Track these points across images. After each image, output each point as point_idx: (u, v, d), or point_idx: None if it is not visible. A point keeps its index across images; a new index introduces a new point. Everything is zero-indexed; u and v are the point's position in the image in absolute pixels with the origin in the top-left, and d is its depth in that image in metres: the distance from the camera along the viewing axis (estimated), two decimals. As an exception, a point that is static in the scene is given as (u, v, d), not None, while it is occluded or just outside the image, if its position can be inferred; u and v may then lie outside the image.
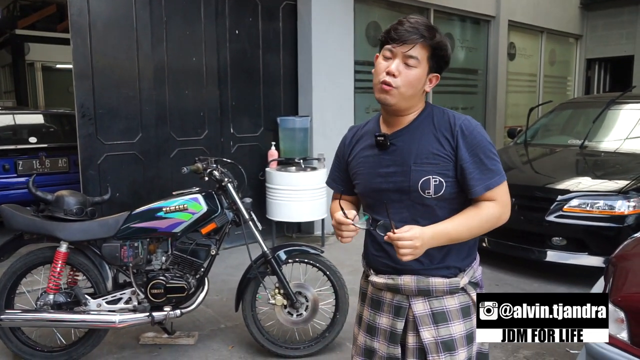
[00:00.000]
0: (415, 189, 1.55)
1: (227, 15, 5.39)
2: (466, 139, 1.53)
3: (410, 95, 1.55)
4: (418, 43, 1.50)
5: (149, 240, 3.15)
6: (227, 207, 3.19)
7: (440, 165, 1.54)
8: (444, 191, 1.54)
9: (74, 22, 4.45)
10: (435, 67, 1.57)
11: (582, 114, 6.15)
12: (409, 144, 1.59)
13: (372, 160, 1.65)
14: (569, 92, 11.39)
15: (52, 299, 3.08)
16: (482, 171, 1.52)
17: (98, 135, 4.65)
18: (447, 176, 1.54)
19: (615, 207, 4.11)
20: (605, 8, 10.87)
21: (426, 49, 1.52)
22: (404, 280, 1.60)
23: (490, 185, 1.53)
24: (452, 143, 1.54)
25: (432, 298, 1.60)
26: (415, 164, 1.56)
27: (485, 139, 1.55)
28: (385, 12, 6.94)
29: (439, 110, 1.62)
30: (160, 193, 4.47)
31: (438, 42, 1.53)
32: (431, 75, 1.58)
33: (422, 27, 1.51)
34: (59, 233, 3.01)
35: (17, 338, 3.14)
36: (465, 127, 1.55)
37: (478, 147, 1.53)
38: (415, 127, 1.60)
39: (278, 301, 3.19)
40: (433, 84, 1.60)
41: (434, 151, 1.55)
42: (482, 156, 1.53)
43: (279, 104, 5.95)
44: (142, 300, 3.14)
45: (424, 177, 1.54)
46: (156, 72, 4.94)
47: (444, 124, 1.57)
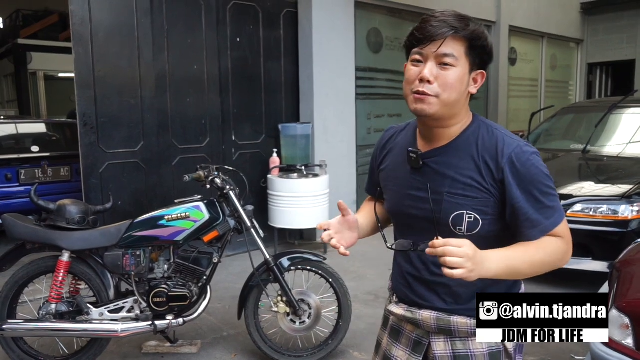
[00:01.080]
0: (445, 223, 1.32)
1: (228, 23, 5.41)
2: (517, 174, 1.27)
3: (454, 100, 1.30)
4: (449, 36, 1.26)
5: (151, 249, 3.14)
6: (229, 214, 3.19)
7: (478, 199, 1.30)
8: (480, 229, 1.30)
9: (76, 31, 4.47)
10: (477, 62, 1.32)
11: (584, 119, 6.15)
12: (445, 167, 1.34)
13: (403, 178, 1.43)
14: (571, 97, 11.39)
15: (55, 308, 3.07)
16: (539, 211, 1.27)
17: (100, 144, 4.66)
18: (485, 213, 1.30)
19: (618, 212, 4.09)
20: (606, 12, 10.88)
21: (461, 42, 1.28)
22: (423, 315, 1.41)
23: (549, 227, 1.28)
24: (495, 175, 1.29)
25: (455, 338, 1.38)
26: (449, 193, 1.32)
27: (541, 171, 1.28)
28: (386, 18, 6.96)
29: (487, 129, 1.35)
30: (162, 201, 4.48)
31: (473, 32, 1.28)
32: (475, 74, 1.33)
33: (451, 18, 1.28)
34: (61, 242, 3.01)
35: (20, 348, 3.13)
36: (517, 157, 1.27)
37: (532, 183, 1.27)
38: (455, 148, 1.34)
39: (281, 309, 3.18)
40: (479, 84, 1.36)
41: (472, 182, 1.30)
42: (537, 193, 1.27)
43: (280, 111, 5.96)
44: (144, 309, 3.13)
45: (456, 212, 1.31)
46: (158, 80, 4.96)
47: (490, 148, 1.31)
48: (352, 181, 6.33)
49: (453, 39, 1.27)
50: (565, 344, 3.43)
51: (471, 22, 1.30)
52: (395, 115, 7.08)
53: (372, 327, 3.77)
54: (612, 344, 2.21)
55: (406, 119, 6.30)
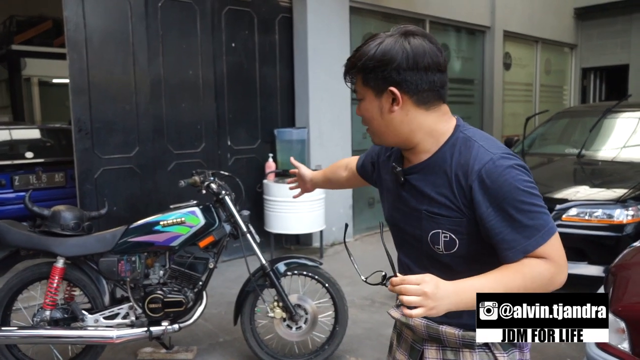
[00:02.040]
0: (426, 241, 1.29)
1: (223, 29, 5.41)
2: (487, 191, 1.18)
3: (377, 128, 1.29)
4: (348, 79, 1.30)
5: (146, 255, 3.12)
6: (225, 219, 3.18)
7: (451, 219, 1.24)
8: (458, 249, 1.25)
9: (70, 37, 4.46)
10: (380, 84, 1.23)
11: (578, 123, 6.17)
12: (423, 185, 1.29)
13: (393, 191, 1.41)
14: (565, 101, 11.45)
15: (49, 315, 3.05)
16: (516, 230, 1.17)
17: (95, 150, 4.64)
18: (460, 233, 1.24)
19: (613, 216, 4.10)
20: (599, 18, 10.96)
21: (358, 76, 1.26)
22: (415, 321, 1.38)
23: (529, 248, 1.17)
24: (467, 193, 1.21)
25: (446, 348, 1.34)
26: (427, 212, 1.27)
27: (516, 186, 1.17)
28: (381, 23, 6.98)
29: (465, 142, 1.25)
30: (158, 207, 4.46)
31: (357, 60, 1.25)
32: (387, 95, 1.23)
33: (348, 60, 1.28)
34: (55, 248, 2.99)
35: (14, 355, 3.10)
36: (487, 173, 1.18)
37: (505, 200, 1.17)
38: (432, 164, 1.28)
39: (277, 314, 3.17)
40: (399, 102, 1.23)
41: (445, 201, 1.24)
42: (513, 211, 1.17)
43: (275, 116, 5.96)
44: (139, 315, 3.11)
45: (433, 230, 1.27)
46: (153, 85, 4.95)
47: (464, 165, 1.22)
48: (347, 186, 6.31)
49: (355, 75, 1.28)
50: (561, 349, 3.43)
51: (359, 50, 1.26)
52: (391, 120, 7.09)
53: (368, 332, 3.76)
54: (608, 348, 2.21)
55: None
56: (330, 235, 5.99)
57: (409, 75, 1.21)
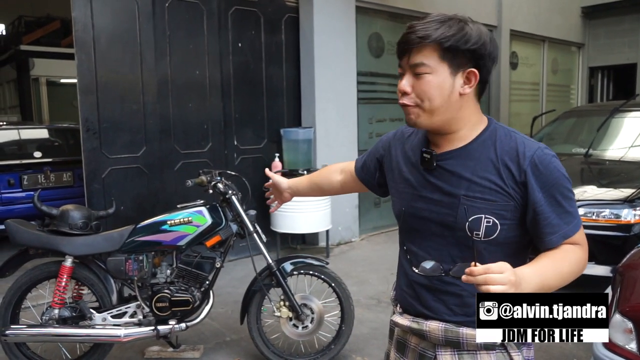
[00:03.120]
0: (462, 227, 1.27)
1: (229, 28, 5.43)
2: (540, 176, 1.23)
3: (438, 106, 1.25)
4: (415, 48, 1.24)
5: (153, 254, 3.14)
6: (232, 219, 3.19)
7: (497, 203, 1.25)
8: (498, 234, 1.26)
9: (79, 37, 4.49)
10: (458, 62, 1.24)
11: (585, 123, 6.14)
12: (461, 169, 1.29)
13: (415, 181, 1.37)
14: (572, 101, 11.39)
15: (58, 313, 3.07)
16: (560, 215, 1.24)
17: (102, 149, 4.67)
18: (504, 217, 1.25)
19: (621, 216, 4.08)
20: (607, 16, 10.89)
21: (433, 48, 1.23)
22: (430, 326, 1.34)
23: (569, 233, 1.25)
24: (517, 178, 1.24)
25: (462, 351, 1.32)
26: (467, 197, 1.27)
27: (563, 174, 1.25)
28: (387, 23, 6.98)
29: (504, 132, 1.30)
30: (165, 206, 4.48)
31: (442, 35, 1.22)
32: (464, 73, 1.25)
33: (420, 26, 1.24)
34: (64, 247, 3.02)
35: (23, 353, 3.13)
36: (540, 160, 1.23)
37: (555, 186, 1.23)
38: (471, 150, 1.29)
39: (283, 313, 3.18)
40: (473, 83, 1.26)
41: (491, 185, 1.25)
42: (560, 197, 1.24)
43: (282, 116, 5.97)
44: (147, 314, 3.13)
45: (474, 215, 1.26)
46: (160, 85, 4.97)
47: (510, 151, 1.26)
48: (354, 185, 6.32)
49: (423, 47, 1.23)
50: (568, 349, 3.42)
51: (439, 23, 1.24)
52: (397, 119, 7.08)
53: (374, 331, 3.76)
54: (615, 348, 2.21)
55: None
56: (336, 235, 6.00)
57: (487, 62, 1.27)
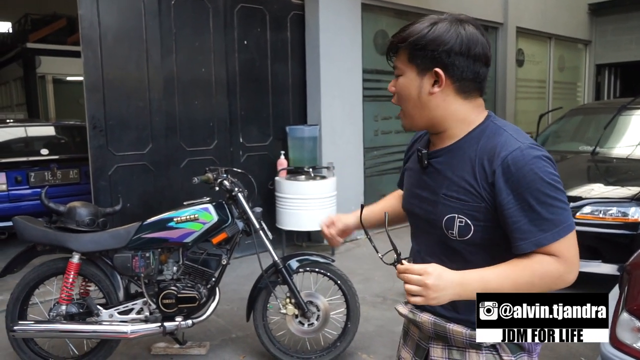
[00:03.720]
0: (440, 226, 1.28)
1: (235, 26, 5.43)
2: (511, 178, 1.16)
3: (412, 109, 1.28)
4: (392, 53, 1.30)
5: (160, 251, 3.16)
6: (238, 216, 3.20)
7: (469, 204, 1.23)
8: (472, 235, 1.24)
9: (85, 35, 4.50)
10: (423, 62, 1.24)
11: (592, 120, 6.11)
12: (444, 168, 1.30)
13: (414, 177, 1.41)
14: (579, 98, 11.33)
15: (65, 309, 3.09)
16: (533, 221, 1.16)
17: (109, 147, 4.69)
18: (476, 219, 1.23)
19: (628, 214, 4.06)
20: (614, 13, 10.82)
21: (404, 52, 1.26)
22: (422, 318, 1.37)
23: (542, 241, 1.16)
24: (488, 178, 1.20)
25: (452, 347, 1.33)
26: (445, 195, 1.27)
27: (541, 177, 1.15)
28: (393, 20, 6.96)
29: (494, 130, 1.26)
30: (171, 203, 4.49)
31: (408, 36, 1.25)
32: (430, 74, 1.24)
33: (396, 35, 1.29)
34: (71, 244, 3.03)
35: (30, 349, 3.15)
36: (514, 160, 1.16)
37: (528, 190, 1.15)
38: (457, 149, 1.28)
39: (289, 310, 3.19)
40: (441, 85, 1.24)
41: (465, 185, 1.24)
42: (533, 201, 1.15)
43: (287, 113, 5.97)
44: (153, 310, 3.14)
45: (448, 214, 1.26)
46: (166, 83, 4.98)
47: (489, 150, 1.22)
48: (359, 183, 6.32)
49: (399, 50, 1.28)
50: (575, 348, 3.41)
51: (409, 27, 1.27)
52: (403, 117, 7.07)
53: (380, 329, 3.77)
54: (623, 347, 2.20)
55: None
56: (342, 233, 5.99)
57: (457, 60, 1.22)
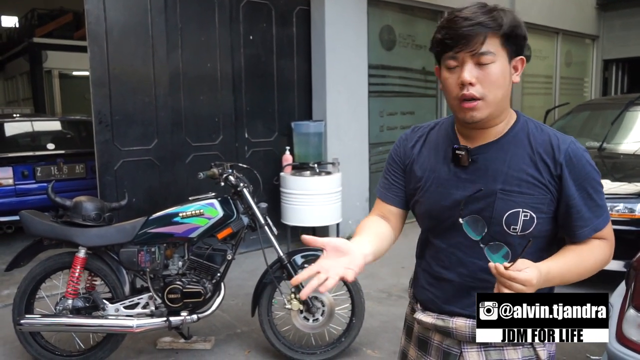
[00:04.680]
0: (499, 222, 1.25)
1: (241, 21, 5.43)
2: (574, 169, 1.24)
3: (500, 98, 1.23)
4: (487, 36, 1.19)
5: (165, 246, 3.17)
6: (243, 212, 3.20)
7: (535, 196, 1.24)
8: (534, 228, 1.25)
9: (91, 30, 4.51)
10: (515, 49, 1.24)
11: (599, 116, 6.07)
12: (496, 163, 1.27)
13: (445, 177, 1.33)
14: (586, 94, 11.26)
15: (71, 303, 3.11)
16: (591, 208, 1.25)
17: (115, 142, 4.70)
18: (541, 211, 1.25)
19: (635, 210, 4.04)
20: (622, 8, 10.72)
21: (498, 37, 1.21)
22: (457, 323, 1.33)
23: (599, 226, 1.27)
24: (553, 171, 1.24)
25: (489, 348, 1.31)
26: (503, 191, 1.25)
27: (594, 168, 1.26)
28: (399, 15, 6.93)
29: (535, 125, 1.31)
30: (177, 198, 4.50)
31: (510, 26, 1.22)
32: (515, 61, 1.25)
33: (483, 17, 1.20)
34: (77, 238, 3.05)
35: (37, 342, 3.17)
36: (574, 153, 1.24)
37: (587, 180, 1.24)
38: (506, 143, 1.28)
39: (294, 306, 3.19)
40: (520, 71, 1.27)
41: (529, 178, 1.25)
42: (591, 190, 1.25)
43: (293, 109, 5.96)
44: (159, 305, 3.15)
45: (511, 210, 1.25)
46: (171, 78, 4.98)
47: (544, 144, 1.26)
48: (364, 179, 6.32)
49: (489, 37, 1.20)
50: (580, 344, 3.40)
51: (502, 12, 1.23)
52: (408, 112, 7.05)
53: (385, 324, 3.77)
54: (629, 344, 2.19)
55: (419, 116, 6.25)
56: (347, 228, 6.00)
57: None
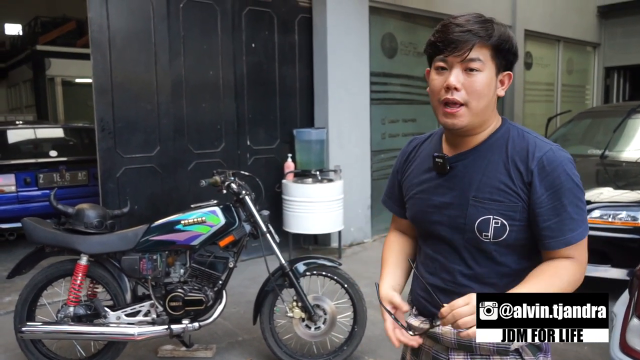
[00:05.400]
0: (471, 229, 1.27)
1: (243, 29, 5.45)
2: (546, 177, 1.21)
3: (483, 107, 1.25)
4: (475, 43, 1.21)
5: (167, 253, 3.16)
6: (245, 219, 3.19)
7: (505, 204, 1.24)
8: (507, 236, 1.25)
9: (94, 37, 4.53)
10: (504, 63, 1.27)
11: (601, 124, 6.07)
12: (471, 171, 1.29)
13: (428, 185, 1.37)
14: (588, 101, 11.27)
15: (73, 311, 3.10)
16: (563, 220, 1.21)
17: (117, 149, 4.71)
18: (512, 219, 1.24)
19: (638, 218, 4.03)
20: (623, 16, 10.75)
21: (487, 48, 1.23)
22: (443, 329, 1.32)
23: (571, 240, 1.22)
24: (525, 178, 1.23)
25: (475, 356, 1.31)
26: (475, 198, 1.27)
27: (571, 178, 1.22)
28: (400, 23, 6.96)
29: (517, 132, 1.30)
30: (179, 206, 4.51)
31: (499, 37, 1.23)
32: (502, 75, 1.28)
33: (476, 25, 1.22)
34: (79, 246, 3.04)
35: (38, 350, 3.16)
36: (548, 161, 1.22)
37: (561, 189, 1.21)
38: (484, 150, 1.30)
39: (296, 314, 3.18)
40: (506, 86, 1.30)
41: (500, 186, 1.25)
42: (566, 201, 1.21)
43: (295, 116, 5.98)
44: (160, 312, 3.15)
45: (482, 217, 1.25)
46: (174, 85, 5.00)
47: (520, 151, 1.25)
48: (366, 186, 6.32)
49: (479, 45, 1.22)
50: (584, 353, 3.38)
51: (494, 24, 1.25)
52: (410, 120, 7.06)
53: (387, 333, 3.75)
54: (632, 353, 2.18)
55: (421, 124, 6.26)
56: (349, 236, 5.99)
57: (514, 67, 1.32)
